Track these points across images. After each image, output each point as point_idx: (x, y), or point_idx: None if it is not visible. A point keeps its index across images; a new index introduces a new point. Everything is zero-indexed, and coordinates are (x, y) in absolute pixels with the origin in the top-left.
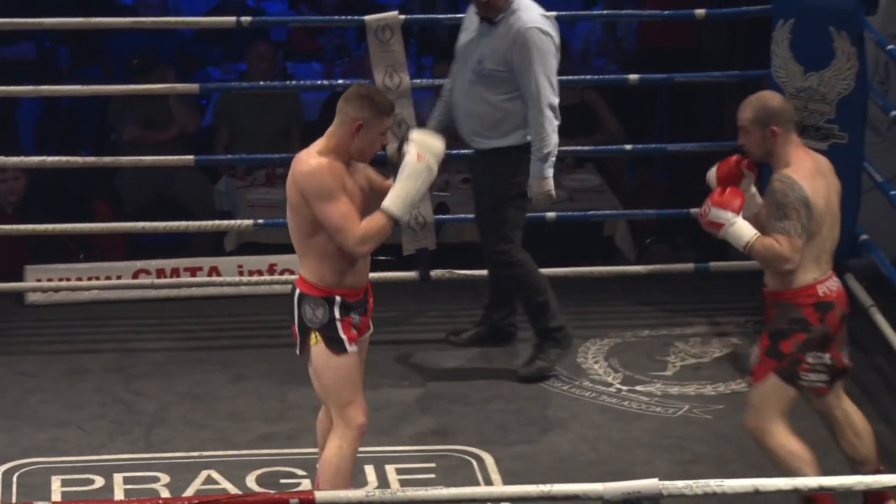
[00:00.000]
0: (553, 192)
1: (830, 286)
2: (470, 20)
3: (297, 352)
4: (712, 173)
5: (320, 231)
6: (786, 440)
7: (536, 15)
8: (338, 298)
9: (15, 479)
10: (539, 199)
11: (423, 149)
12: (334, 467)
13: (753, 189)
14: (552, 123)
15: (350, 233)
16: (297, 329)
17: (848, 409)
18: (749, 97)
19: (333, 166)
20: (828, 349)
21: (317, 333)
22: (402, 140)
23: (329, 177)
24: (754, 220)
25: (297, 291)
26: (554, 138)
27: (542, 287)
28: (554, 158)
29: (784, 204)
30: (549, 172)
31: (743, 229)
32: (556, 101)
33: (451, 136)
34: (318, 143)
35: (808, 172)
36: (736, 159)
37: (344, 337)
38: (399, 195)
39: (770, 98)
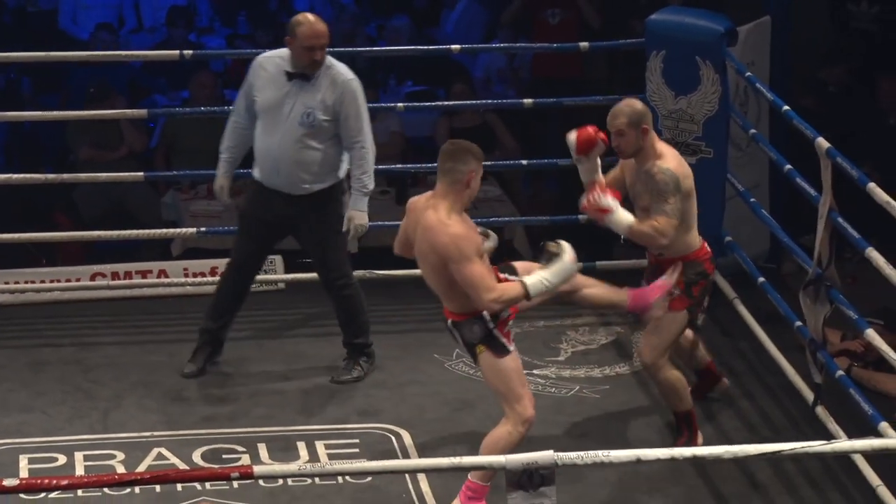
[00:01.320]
0: (367, 223)
1: (707, 247)
2: (272, 79)
3: (476, 365)
4: (572, 137)
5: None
6: (672, 373)
7: (344, 67)
8: (486, 315)
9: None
10: (358, 229)
11: (573, 255)
12: (500, 449)
13: (598, 159)
14: (373, 163)
15: (486, 292)
16: (465, 349)
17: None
18: (616, 106)
19: (468, 229)
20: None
21: (481, 345)
22: (555, 242)
23: (466, 240)
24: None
25: (450, 321)
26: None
27: (366, 308)
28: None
29: (664, 191)
30: (366, 206)
31: (623, 216)
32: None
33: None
34: (442, 205)
35: (678, 160)
36: (594, 128)
37: (503, 340)
38: (542, 281)
39: (636, 103)
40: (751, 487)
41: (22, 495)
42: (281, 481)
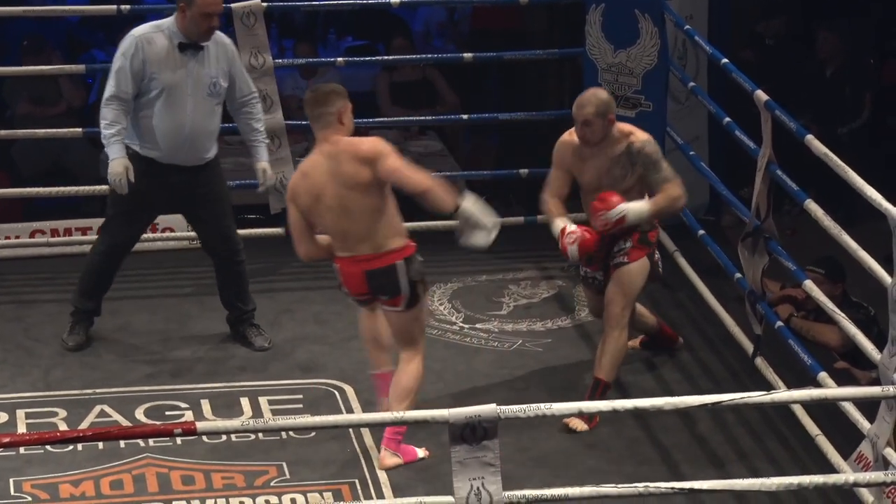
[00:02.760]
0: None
1: None
2: (165, 54)
3: (403, 307)
4: (574, 252)
5: (387, 196)
6: (626, 339)
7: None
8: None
9: None
10: (273, 180)
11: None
12: (419, 384)
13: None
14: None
15: (418, 172)
16: (407, 292)
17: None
18: (583, 96)
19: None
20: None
21: (421, 282)
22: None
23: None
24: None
25: (399, 262)
26: None
27: None
28: None
29: (658, 160)
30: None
31: (638, 205)
32: None
33: (300, 107)
34: (334, 137)
35: (640, 130)
36: (592, 238)
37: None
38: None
39: (601, 92)
40: (692, 438)
41: None
42: (224, 437)
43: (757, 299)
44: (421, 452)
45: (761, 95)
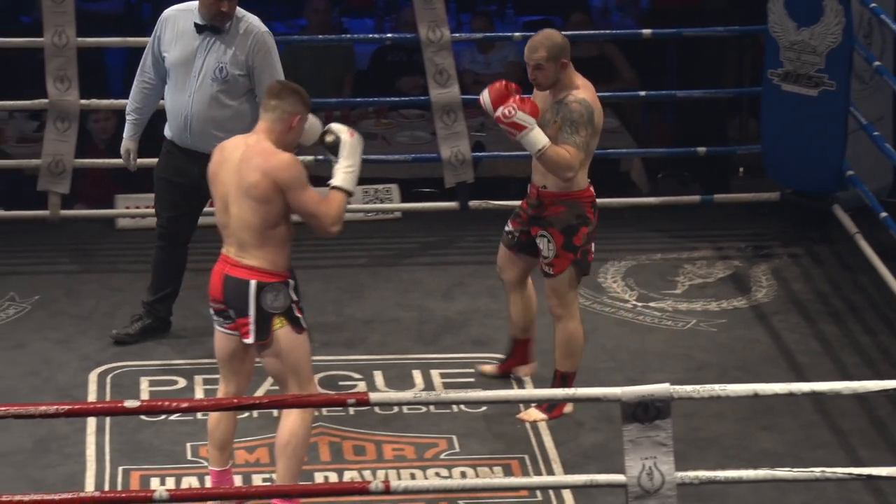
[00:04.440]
0: None
1: (591, 189)
2: (182, 33)
3: (252, 340)
4: (486, 97)
5: (284, 221)
6: (579, 326)
7: (257, 19)
8: (291, 282)
9: (108, 380)
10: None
11: (347, 129)
12: (302, 441)
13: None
14: None
15: (326, 216)
16: (253, 318)
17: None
18: (535, 38)
19: (297, 159)
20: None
21: (281, 318)
22: (325, 129)
23: (301, 168)
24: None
25: (253, 283)
26: None
27: None
28: None
29: (578, 122)
30: None
31: (539, 136)
32: None
33: (477, 81)
34: (263, 138)
35: (593, 94)
36: (504, 83)
37: (300, 316)
38: (348, 171)
39: (555, 35)
40: (870, 424)
41: (143, 417)
42: (396, 409)
43: None
44: None
45: None
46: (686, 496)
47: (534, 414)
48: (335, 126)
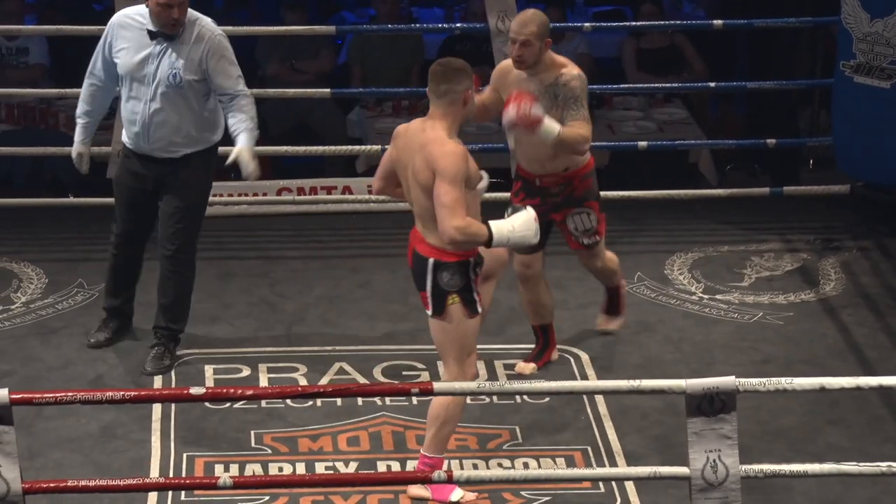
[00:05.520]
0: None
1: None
2: (133, 39)
3: (431, 313)
4: (512, 116)
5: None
6: (610, 257)
7: (210, 21)
8: (471, 261)
9: (174, 367)
10: (244, 161)
11: (534, 214)
12: (453, 412)
13: None
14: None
15: (453, 216)
16: (429, 293)
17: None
18: (524, 15)
19: (465, 154)
20: None
21: (454, 295)
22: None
23: (461, 163)
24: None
25: (431, 261)
26: None
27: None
28: None
29: (579, 96)
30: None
31: (552, 123)
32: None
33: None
34: (438, 124)
35: (579, 69)
36: (527, 98)
37: (477, 298)
38: (505, 230)
39: (541, 14)
40: None
41: (207, 404)
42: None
43: None
44: (456, 495)
45: None
46: (750, 489)
47: (522, 367)
48: (529, 208)
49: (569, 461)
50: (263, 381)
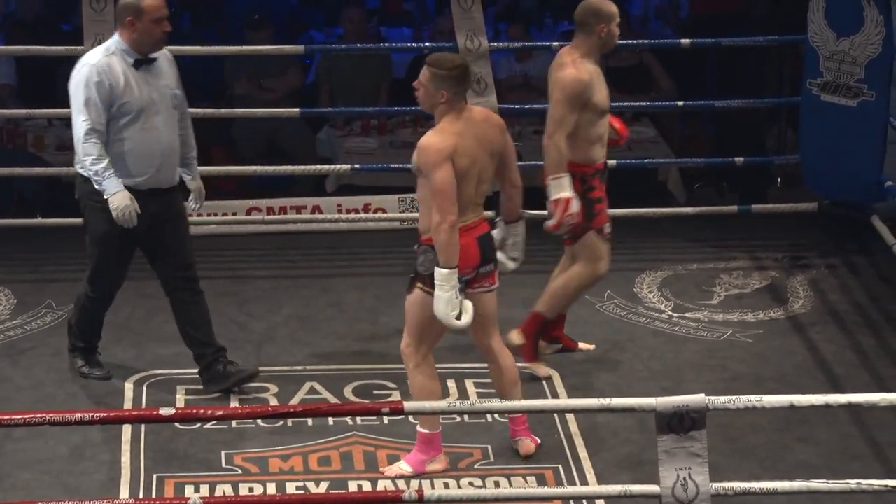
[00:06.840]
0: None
1: None
2: (126, 77)
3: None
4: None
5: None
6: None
7: None
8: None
9: (144, 388)
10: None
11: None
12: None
13: None
14: None
15: (439, 206)
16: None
17: None
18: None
19: (442, 146)
20: None
21: (422, 281)
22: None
23: (441, 149)
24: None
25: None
26: None
27: None
28: None
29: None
30: None
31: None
32: None
33: (522, 86)
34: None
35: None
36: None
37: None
38: (449, 289)
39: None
40: None
41: (177, 425)
42: None
43: None
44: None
45: None
46: None
47: (514, 337)
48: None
49: (540, 480)
50: (234, 402)
